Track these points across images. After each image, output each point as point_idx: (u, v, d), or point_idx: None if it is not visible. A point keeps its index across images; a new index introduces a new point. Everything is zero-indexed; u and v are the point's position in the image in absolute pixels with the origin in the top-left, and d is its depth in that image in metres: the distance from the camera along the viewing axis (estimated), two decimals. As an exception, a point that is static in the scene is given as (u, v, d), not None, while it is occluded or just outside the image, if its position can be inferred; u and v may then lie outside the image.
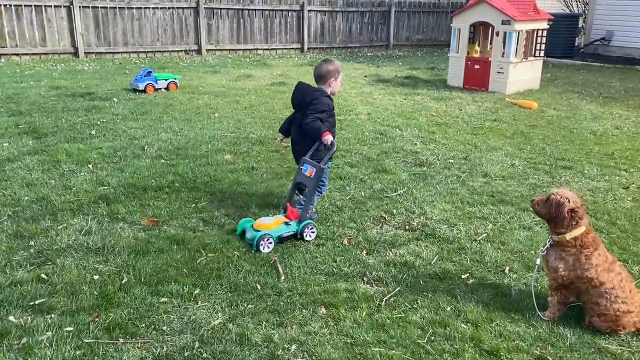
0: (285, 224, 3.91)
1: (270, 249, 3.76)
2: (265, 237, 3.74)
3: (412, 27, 17.70)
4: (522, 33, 9.32)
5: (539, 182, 5.23)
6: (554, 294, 3.03)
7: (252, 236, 3.79)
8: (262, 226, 3.82)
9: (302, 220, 3.95)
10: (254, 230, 3.83)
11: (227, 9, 14.47)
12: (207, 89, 9.47)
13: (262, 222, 3.86)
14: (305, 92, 4.31)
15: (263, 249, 3.73)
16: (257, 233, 3.77)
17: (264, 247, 3.74)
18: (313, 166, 4.03)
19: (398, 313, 3.10)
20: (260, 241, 3.72)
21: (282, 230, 3.86)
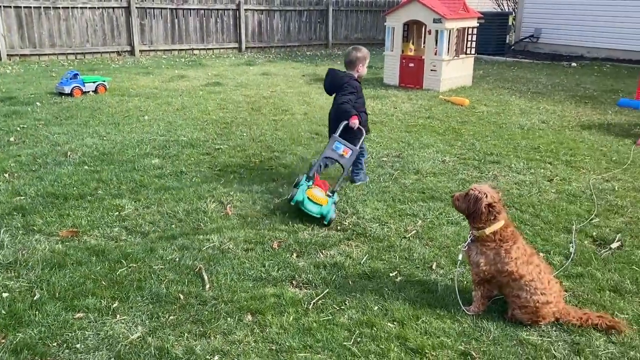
0: (329, 196, 4.32)
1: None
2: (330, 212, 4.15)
3: (351, 26, 17.81)
4: (453, 31, 9.53)
5: (468, 177, 5.33)
6: (477, 289, 3.07)
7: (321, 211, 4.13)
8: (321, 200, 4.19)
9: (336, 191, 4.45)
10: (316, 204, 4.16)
11: (161, 9, 14.09)
12: (138, 90, 9.16)
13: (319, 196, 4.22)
14: (335, 77, 4.96)
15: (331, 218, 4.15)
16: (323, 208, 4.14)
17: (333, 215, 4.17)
18: (349, 148, 4.58)
19: (325, 316, 3.05)
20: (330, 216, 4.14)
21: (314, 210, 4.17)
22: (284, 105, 8.40)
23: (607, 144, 6.51)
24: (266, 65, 12.92)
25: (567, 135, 6.93)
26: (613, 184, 5.15)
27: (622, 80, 11.15)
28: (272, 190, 4.89)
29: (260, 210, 4.46)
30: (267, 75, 11.39)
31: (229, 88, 9.71)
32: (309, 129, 7.00)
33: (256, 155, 5.90)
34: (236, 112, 7.82)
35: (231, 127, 7.03)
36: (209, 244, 3.85)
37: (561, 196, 4.85)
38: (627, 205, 4.64)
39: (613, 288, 3.36)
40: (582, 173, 5.47)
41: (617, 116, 8.04)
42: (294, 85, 10.21)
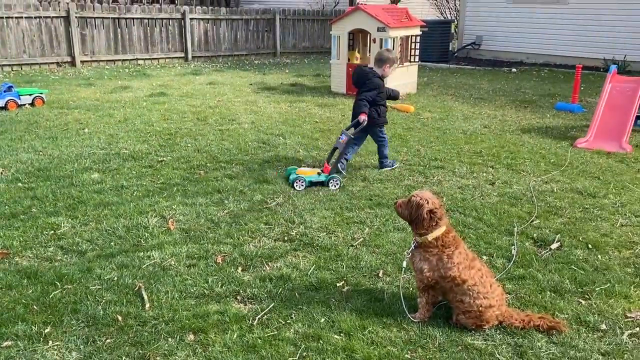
0: (318, 174, 5.24)
1: (302, 188, 5.09)
2: (299, 179, 5.10)
3: (298, 34, 17.85)
4: (397, 39, 9.67)
5: (414, 183, 5.38)
6: (422, 295, 3.07)
7: (292, 178, 5.13)
8: (301, 172, 5.21)
9: (331, 174, 5.25)
10: (295, 174, 5.17)
11: (102, 18, 13.70)
12: (79, 103, 8.84)
13: (303, 170, 5.27)
14: (361, 73, 5.63)
15: (297, 187, 5.08)
16: (295, 176, 5.12)
17: (298, 186, 5.09)
18: (346, 136, 5.38)
19: (271, 331, 2.98)
20: (295, 181, 5.09)
21: (313, 178, 5.20)
22: (231, 114, 8.29)
23: (546, 147, 6.73)
24: (213, 75, 12.75)
25: (508, 139, 7.13)
26: (552, 186, 5.32)
27: (559, 85, 11.61)
28: (217, 202, 4.78)
29: (204, 223, 4.34)
30: (213, 84, 11.24)
31: (174, 98, 9.51)
32: (256, 138, 6.93)
33: (201, 166, 5.77)
34: (181, 123, 7.65)
35: (175, 138, 6.86)
36: (149, 261, 3.71)
37: (503, 199, 4.96)
38: (565, 207, 4.79)
39: (553, 288, 3.44)
40: (522, 176, 5.63)
41: (554, 119, 8.35)
42: (242, 95, 10.11)
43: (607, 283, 3.49)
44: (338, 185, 5.19)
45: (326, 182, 5.20)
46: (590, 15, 13.80)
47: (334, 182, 5.19)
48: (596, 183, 5.39)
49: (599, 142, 6.77)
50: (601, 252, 3.94)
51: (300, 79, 12.31)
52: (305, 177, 5.12)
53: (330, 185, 5.19)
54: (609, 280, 3.53)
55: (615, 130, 6.83)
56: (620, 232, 4.28)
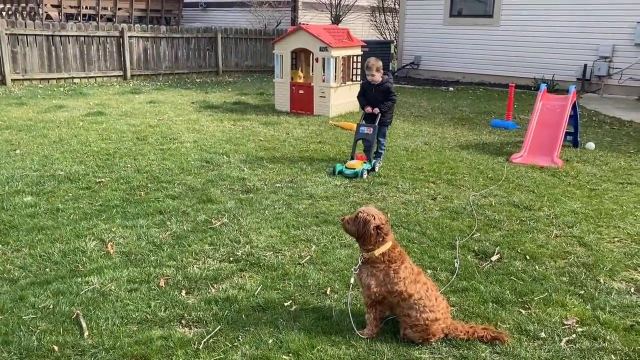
0: (365, 163, 6.27)
1: (366, 175, 6.14)
2: (364, 170, 6.12)
3: (241, 53, 17.81)
4: (339, 59, 9.83)
5: (359, 199, 5.44)
6: (370, 311, 3.08)
7: (354, 172, 6.08)
8: (355, 165, 6.14)
9: (370, 160, 6.38)
10: (350, 169, 6.11)
11: (35, 35, 13.17)
12: (10, 122, 8.42)
13: (353, 163, 6.19)
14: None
15: (364, 175, 6.12)
16: (357, 169, 6.08)
17: (364, 174, 6.12)
18: (370, 126, 6.44)
19: (217, 355, 2.90)
20: (362, 172, 6.09)
21: (367, 166, 6.23)
22: (172, 133, 8.13)
23: (484, 162, 6.99)
24: (153, 93, 12.49)
25: (447, 155, 7.35)
26: (490, 200, 5.51)
27: (494, 103, 12.12)
28: (159, 224, 4.65)
29: (146, 246, 4.21)
30: (154, 103, 11.00)
31: (113, 117, 9.24)
32: (199, 157, 6.82)
33: (141, 187, 5.61)
34: (120, 142, 7.43)
35: (114, 158, 6.65)
36: (88, 286, 3.55)
37: (444, 213, 5.09)
38: (503, 219, 4.97)
39: (495, 299, 3.54)
40: (462, 190, 5.81)
41: (490, 136, 8.68)
42: (183, 113, 9.94)
43: (544, 292, 3.63)
44: (379, 165, 6.50)
45: (372, 167, 6.33)
46: (520, 36, 14.54)
47: (377, 165, 6.42)
48: (531, 196, 5.63)
49: (532, 157, 7.09)
50: (538, 262, 4.10)
51: (243, 98, 12.25)
52: (364, 167, 6.15)
53: (376, 168, 6.39)
54: (546, 290, 3.67)
55: (547, 145, 7.19)
56: (555, 242, 4.48)
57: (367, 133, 6.45)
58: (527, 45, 14.45)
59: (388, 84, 6.65)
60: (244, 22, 19.96)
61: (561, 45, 13.88)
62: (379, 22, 20.34)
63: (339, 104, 10.17)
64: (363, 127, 6.52)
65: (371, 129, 6.43)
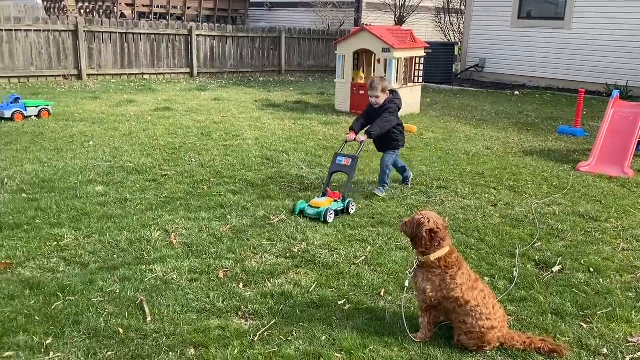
0: (335, 202, 4.96)
1: (333, 218, 4.78)
2: (328, 211, 4.76)
3: (304, 53, 18.02)
4: (401, 60, 9.78)
5: (416, 202, 5.40)
6: (424, 315, 3.07)
7: (317, 212, 4.79)
8: (321, 204, 4.86)
9: (346, 198, 5.05)
10: (313, 208, 4.84)
11: (110, 33, 13.86)
12: (84, 115, 8.91)
13: (319, 201, 4.92)
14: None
15: (329, 219, 4.75)
16: (320, 209, 4.78)
17: (329, 217, 4.75)
18: (349, 157, 5.28)
19: (272, 347, 2.98)
20: (326, 214, 4.73)
21: (335, 206, 4.90)
22: (235, 130, 8.34)
23: (548, 170, 6.76)
24: (218, 91, 12.85)
25: (510, 161, 7.16)
26: (554, 209, 5.33)
27: (561, 109, 11.68)
28: (220, 217, 4.80)
29: (207, 238, 4.36)
30: (218, 100, 11.32)
31: (179, 113, 9.58)
32: (260, 155, 6.97)
33: (205, 181, 5.80)
34: (185, 138, 7.71)
35: (179, 152, 6.91)
36: (151, 274, 3.72)
37: (505, 220, 4.98)
38: (567, 229, 4.80)
39: (555, 311, 3.44)
40: (524, 198, 5.65)
41: (557, 143, 8.38)
42: (246, 111, 10.18)
43: (608, 307, 3.49)
44: (354, 209, 5.05)
45: (345, 208, 4.98)
46: (593, 39, 13.94)
47: (351, 206, 5.03)
48: (598, 207, 5.40)
49: (601, 166, 6.79)
50: (603, 275, 3.94)
51: (304, 97, 12.40)
52: (331, 207, 4.84)
53: (349, 210, 5.00)
54: (610, 305, 3.52)
55: (618, 154, 6.86)
56: (621, 256, 4.28)
57: (344, 165, 5.27)
58: (599, 49, 13.83)
59: (389, 104, 5.46)
60: (308, 23, 20.16)
61: (636, 49, 13.19)
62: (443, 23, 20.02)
63: (400, 106, 10.09)
64: (340, 157, 5.32)
65: (349, 159, 5.25)
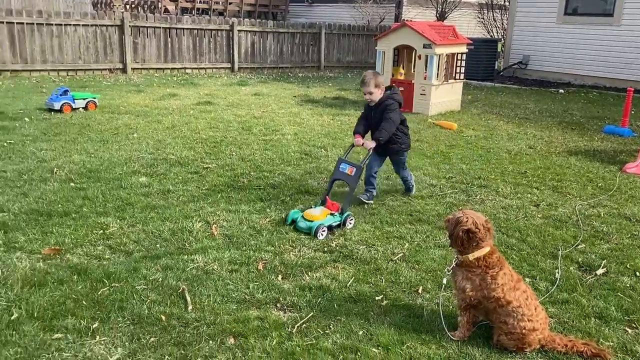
0: (331, 215, 4.47)
1: (324, 236, 4.31)
2: (320, 226, 4.28)
3: (343, 49, 17.99)
4: (442, 56, 9.65)
5: (456, 200, 5.34)
6: (463, 314, 3.04)
7: (309, 226, 4.33)
8: (314, 217, 4.37)
9: (344, 211, 4.54)
10: (306, 220, 4.37)
11: (154, 28, 14.16)
12: (129, 108, 9.15)
13: (313, 213, 4.40)
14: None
15: (320, 236, 4.28)
16: (312, 223, 4.31)
17: (320, 234, 4.29)
18: (353, 166, 4.76)
19: (309, 340, 3.01)
20: (318, 230, 4.26)
21: (330, 220, 4.42)
22: (275, 125, 8.42)
23: (593, 170, 6.57)
24: (258, 86, 12.98)
25: (554, 160, 6.98)
26: (599, 210, 5.18)
27: (608, 108, 11.31)
28: (260, 210, 4.86)
29: (247, 230, 4.42)
30: (258, 95, 11.44)
31: (220, 107, 9.73)
32: (299, 149, 7.01)
33: (245, 174, 5.89)
34: (226, 132, 7.82)
35: (221, 146, 7.02)
36: (193, 264, 3.80)
37: (547, 221, 4.87)
38: (612, 232, 4.66)
39: (598, 315, 3.35)
40: (568, 199, 5.51)
41: (603, 143, 8.13)
42: (285, 106, 10.25)
43: (656, 313, 3.38)
44: (353, 223, 4.60)
45: (342, 222, 4.53)
46: (643, 37, 13.44)
47: (349, 221, 4.58)
48: (646, 210, 5.23)
49: (650, 167, 6.56)
50: (650, 280, 3.82)
51: (343, 93, 12.39)
52: (324, 222, 4.37)
53: (347, 224, 4.56)
54: (658, 310, 3.41)
55: (668, 156, 6.61)
56: (671, 261, 4.14)
57: (347, 174, 4.77)
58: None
59: (388, 100, 5.00)
60: (348, 18, 20.11)
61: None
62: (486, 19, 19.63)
63: (440, 102, 9.99)
64: (345, 164, 4.82)
65: (353, 168, 4.75)
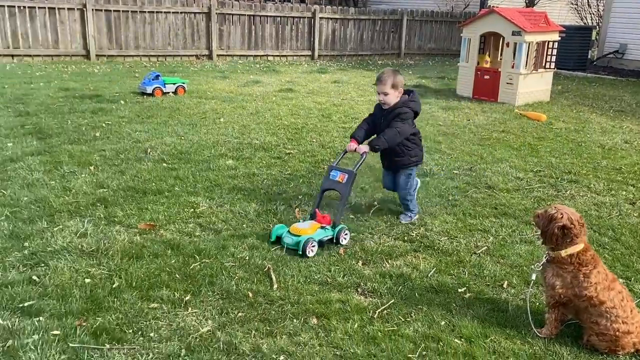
0: (322, 228, 3.96)
1: (314, 252, 3.81)
2: (309, 241, 3.78)
3: (424, 36, 17.65)
4: (532, 44, 9.24)
5: (544, 195, 5.14)
6: (551, 311, 2.95)
7: (295, 241, 3.83)
8: (302, 231, 3.87)
9: (337, 224, 4.02)
10: (293, 235, 3.87)
11: (239, 15, 14.54)
12: (215, 94, 9.49)
13: (300, 227, 3.91)
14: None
15: (309, 253, 3.78)
16: (300, 238, 3.81)
17: (309, 251, 3.78)
18: (344, 172, 4.19)
19: (391, 326, 3.03)
20: (306, 245, 3.76)
21: (321, 235, 3.92)
22: (354, 113, 8.43)
23: (699, 169, 6.08)
24: (337, 73, 13.02)
25: (653, 157, 6.54)
26: None
27: None
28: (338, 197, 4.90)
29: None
30: (338, 83, 11.49)
31: (301, 95, 9.87)
32: (379, 138, 6.99)
33: (325, 161, 5.96)
34: (307, 118, 7.93)
35: (302, 132, 7.14)
36: (277, 245, 3.92)
37: (645, 221, 4.59)
38: None
39: (702, 323, 3.13)
40: (669, 198, 5.15)
41: None
42: (365, 94, 10.23)
43: None
44: (348, 238, 4.05)
45: (335, 237, 3.97)
46: None
47: (343, 235, 4.01)
48: None
49: None
50: None
51: (423, 81, 12.19)
52: (314, 237, 3.84)
53: (340, 240, 3.98)
54: None
55: None
56: None
57: (337, 182, 4.19)
58: None
59: (403, 108, 4.34)
60: (430, 4, 19.64)
61: None
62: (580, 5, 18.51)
63: (528, 92, 9.59)
64: (336, 171, 4.24)
65: (345, 175, 4.17)
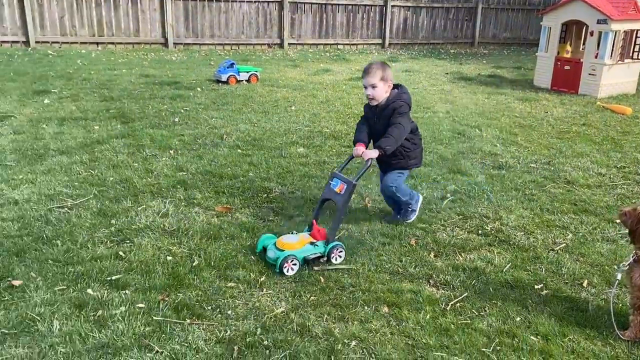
0: (311, 244, 3.51)
1: (295, 271, 3.36)
2: (289, 258, 3.35)
3: (500, 24, 17.06)
4: (619, 33, 8.72)
5: (628, 192, 4.88)
6: (637, 314, 2.81)
7: (275, 256, 3.39)
8: (286, 245, 3.43)
9: (330, 240, 3.55)
10: (276, 249, 3.44)
11: (311, 4, 14.62)
12: (286, 82, 9.62)
13: (286, 241, 3.47)
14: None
15: (287, 271, 3.34)
16: (280, 253, 3.37)
17: (287, 269, 3.34)
18: (344, 182, 3.70)
19: (464, 319, 3.00)
20: (283, 263, 3.32)
21: (307, 251, 3.46)
22: (426, 103, 8.31)
23: None
24: (409, 62, 12.85)
25: None
26: None
27: None
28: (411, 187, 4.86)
29: (400, 205, 4.48)
30: (409, 72, 11.33)
31: (372, 83, 9.80)
32: (451, 128, 6.86)
33: (397, 151, 5.91)
34: (378, 108, 7.88)
35: (373, 121, 7.10)
36: (347, 233, 3.96)
37: None
38: None
39: None
40: None
41: None
42: (437, 83, 10.05)
43: None
44: (342, 257, 3.57)
45: (326, 254, 3.51)
46: None
47: (336, 254, 3.54)
48: None
49: None
50: None
51: (498, 71, 11.81)
52: (296, 253, 3.41)
53: (332, 258, 3.52)
54: None
55: None
56: None
57: (336, 192, 3.71)
58: None
59: (397, 102, 4.06)
60: (508, -9, 18.93)
61: None
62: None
63: (612, 84, 9.08)
64: (336, 179, 3.76)
65: (344, 185, 3.68)
